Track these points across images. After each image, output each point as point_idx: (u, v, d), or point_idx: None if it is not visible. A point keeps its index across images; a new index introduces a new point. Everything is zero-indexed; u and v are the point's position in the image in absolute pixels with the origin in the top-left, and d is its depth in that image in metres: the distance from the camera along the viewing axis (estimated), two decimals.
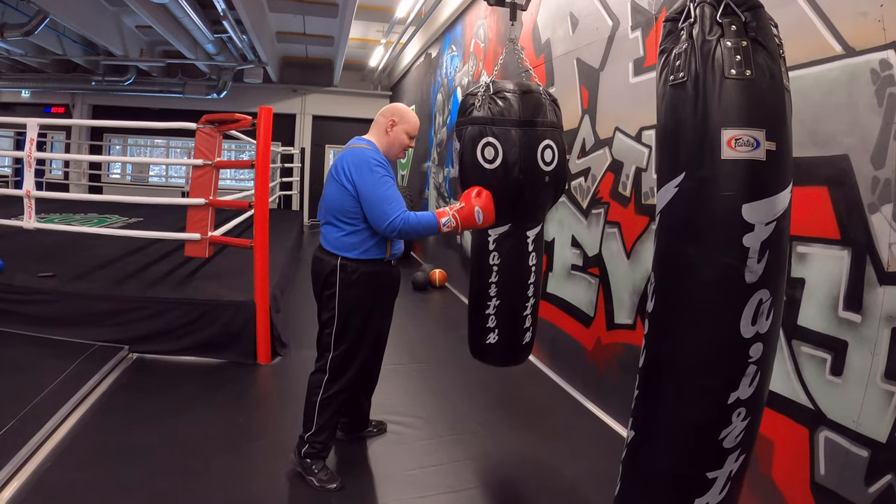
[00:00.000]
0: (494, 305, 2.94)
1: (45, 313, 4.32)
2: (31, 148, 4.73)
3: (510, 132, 2.72)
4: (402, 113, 2.88)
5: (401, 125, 2.85)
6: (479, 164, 2.72)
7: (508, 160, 2.71)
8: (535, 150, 2.76)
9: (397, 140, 2.86)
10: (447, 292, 7.53)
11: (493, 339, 2.98)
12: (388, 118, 2.86)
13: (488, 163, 2.71)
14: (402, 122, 2.85)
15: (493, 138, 2.70)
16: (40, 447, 2.89)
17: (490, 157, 2.71)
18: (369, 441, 3.30)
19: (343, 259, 2.74)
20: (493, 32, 6.28)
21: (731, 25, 1.53)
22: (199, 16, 8.23)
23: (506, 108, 2.73)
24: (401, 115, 2.87)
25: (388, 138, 2.85)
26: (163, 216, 8.35)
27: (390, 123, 2.85)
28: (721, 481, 1.59)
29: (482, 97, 2.77)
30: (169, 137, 14.58)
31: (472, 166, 2.74)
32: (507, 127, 2.72)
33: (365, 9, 8.69)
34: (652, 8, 3.37)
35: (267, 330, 4.39)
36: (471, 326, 3.08)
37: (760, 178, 1.50)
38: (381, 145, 2.85)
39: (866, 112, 2.08)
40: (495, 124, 2.72)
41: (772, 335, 1.57)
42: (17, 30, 8.02)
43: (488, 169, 2.72)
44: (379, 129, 2.88)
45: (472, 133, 2.74)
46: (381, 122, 2.88)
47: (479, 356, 3.10)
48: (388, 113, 2.89)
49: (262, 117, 4.38)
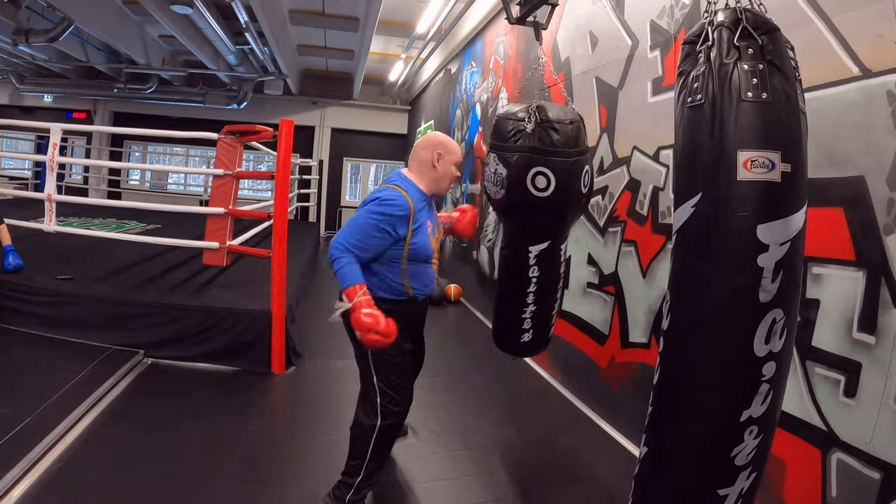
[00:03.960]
0: (531, 311, 3.18)
1: (61, 315, 4.38)
2: (53, 152, 4.81)
3: (561, 164, 2.83)
4: (446, 144, 2.68)
5: (448, 157, 2.66)
6: (528, 191, 2.83)
7: (560, 189, 2.84)
8: (579, 177, 2.92)
9: (447, 173, 2.67)
10: (462, 307, 7.53)
11: (527, 337, 3.26)
12: (432, 151, 2.65)
13: (539, 191, 2.83)
14: (448, 153, 2.66)
15: (546, 168, 2.81)
16: (53, 447, 2.92)
17: (542, 185, 2.83)
18: None
19: None
20: (513, 49, 6.32)
21: (748, 49, 1.55)
22: (222, 27, 8.35)
23: (558, 140, 2.83)
24: (445, 146, 2.67)
25: (437, 173, 2.66)
26: (181, 223, 8.41)
27: (437, 157, 2.64)
28: (732, 499, 1.59)
29: (532, 125, 2.84)
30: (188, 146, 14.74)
31: (522, 193, 2.85)
32: (560, 159, 2.83)
33: (386, 24, 8.80)
34: (671, 28, 3.40)
35: (282, 339, 4.41)
36: (505, 329, 3.33)
37: (775, 199, 1.52)
38: (427, 181, 2.66)
39: (882, 133, 2.08)
40: (549, 155, 2.83)
41: (785, 354, 1.58)
42: (41, 36, 8.18)
43: (539, 196, 2.84)
44: (423, 164, 2.66)
45: (521, 161, 2.84)
46: (424, 157, 2.66)
47: (511, 352, 3.42)
48: (430, 146, 2.67)
49: (283, 130, 4.43)
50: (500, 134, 2.94)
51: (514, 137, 2.86)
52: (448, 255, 8.95)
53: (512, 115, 2.93)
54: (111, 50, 10.80)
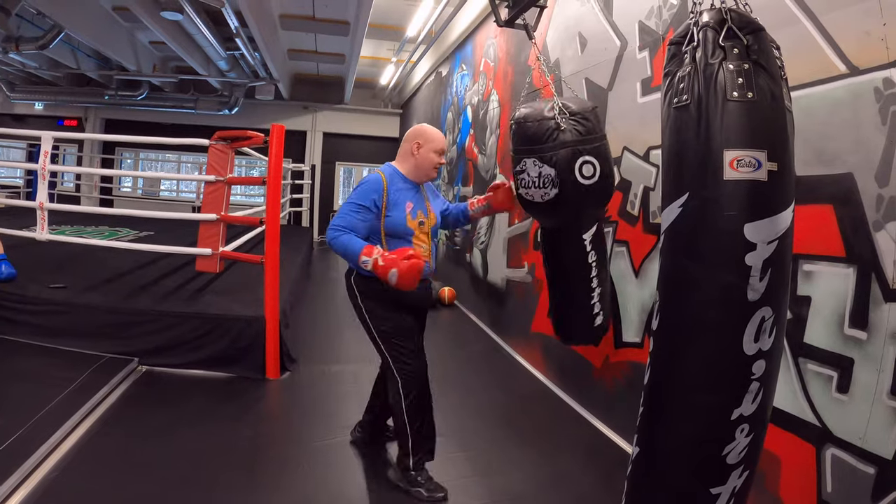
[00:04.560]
0: (598, 293, 3.30)
1: (55, 324, 4.36)
2: (45, 160, 4.79)
3: (600, 148, 3.02)
4: (425, 134, 2.97)
5: (427, 146, 2.93)
6: (579, 182, 2.94)
7: (604, 171, 3.00)
8: (610, 157, 3.13)
9: (426, 160, 2.94)
10: (456, 310, 7.53)
11: (599, 320, 3.34)
12: (411, 142, 2.95)
13: (587, 179, 2.95)
14: (427, 142, 2.94)
15: (590, 156, 2.96)
16: (48, 456, 2.91)
17: (589, 173, 2.95)
18: (380, 455, 3.31)
19: (356, 276, 2.90)
20: (503, 52, 6.32)
21: (734, 49, 1.56)
22: (212, 33, 8.33)
23: (591, 127, 3.01)
24: (424, 136, 2.95)
25: (416, 160, 2.94)
26: (173, 230, 8.41)
27: (415, 146, 2.93)
28: (725, 497, 1.60)
29: (564, 121, 2.96)
30: (180, 152, 14.69)
31: (574, 185, 2.94)
32: (598, 144, 3.02)
33: (376, 27, 8.79)
34: (659, 29, 3.41)
35: (276, 345, 4.40)
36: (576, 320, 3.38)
37: (762, 198, 1.53)
38: (407, 168, 2.97)
39: (870, 130, 2.09)
40: (588, 143, 2.98)
41: (775, 352, 1.59)
42: (32, 43, 8.14)
43: (588, 184, 2.96)
44: (404, 154, 2.99)
45: (566, 155, 2.94)
46: (405, 148, 2.98)
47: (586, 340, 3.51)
48: (411, 137, 2.98)
49: (274, 135, 4.43)
50: (534, 137, 3.00)
51: (550, 137, 2.95)
52: (442, 258, 8.94)
53: (539, 117, 3.02)
54: (102, 57, 10.76)
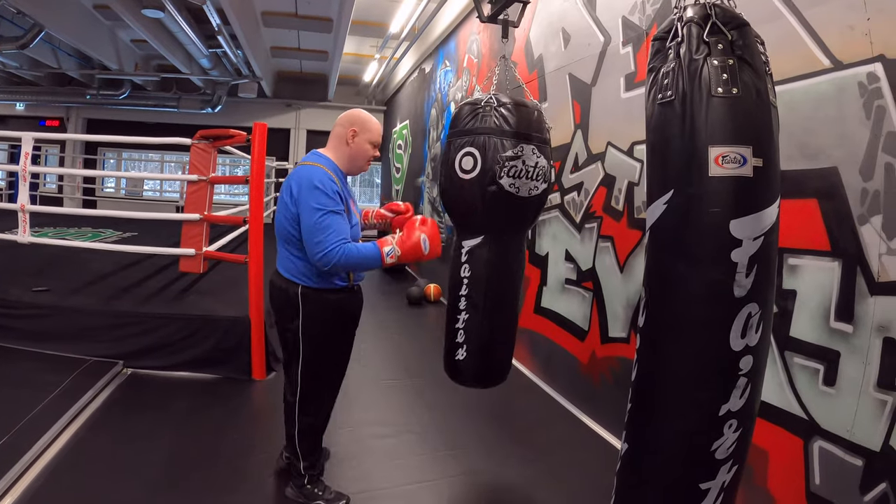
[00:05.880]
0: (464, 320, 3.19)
1: (39, 328, 4.31)
2: (26, 162, 4.73)
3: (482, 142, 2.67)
4: (362, 121, 2.62)
5: (363, 135, 2.60)
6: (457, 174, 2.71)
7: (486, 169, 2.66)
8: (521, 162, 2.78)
9: (360, 151, 2.62)
10: (442, 307, 7.50)
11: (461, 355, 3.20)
12: (347, 128, 2.60)
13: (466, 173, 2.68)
14: (364, 130, 2.60)
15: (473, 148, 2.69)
16: (34, 463, 2.88)
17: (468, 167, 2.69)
18: (363, 457, 3.29)
19: (304, 288, 2.55)
20: (487, 48, 6.32)
21: (718, 44, 1.55)
22: (194, 30, 8.28)
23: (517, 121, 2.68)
24: (361, 123, 2.61)
25: (350, 150, 2.61)
26: (157, 230, 8.35)
27: (351, 134, 2.59)
28: (714, 492, 1.60)
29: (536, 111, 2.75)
30: (163, 152, 14.59)
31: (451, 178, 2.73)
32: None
33: (359, 24, 8.77)
34: (643, 24, 3.41)
35: (262, 345, 4.38)
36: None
37: (748, 194, 1.52)
38: (342, 159, 2.62)
39: (854, 125, 2.11)
40: None
41: (762, 348, 1.59)
42: (12, 43, 8.07)
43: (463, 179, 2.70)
44: (338, 140, 2.62)
45: None
46: (339, 133, 2.61)
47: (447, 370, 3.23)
48: (346, 122, 2.62)
49: (256, 133, 4.39)
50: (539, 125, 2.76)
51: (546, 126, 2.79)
52: None
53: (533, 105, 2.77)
54: (83, 56, 10.67)
